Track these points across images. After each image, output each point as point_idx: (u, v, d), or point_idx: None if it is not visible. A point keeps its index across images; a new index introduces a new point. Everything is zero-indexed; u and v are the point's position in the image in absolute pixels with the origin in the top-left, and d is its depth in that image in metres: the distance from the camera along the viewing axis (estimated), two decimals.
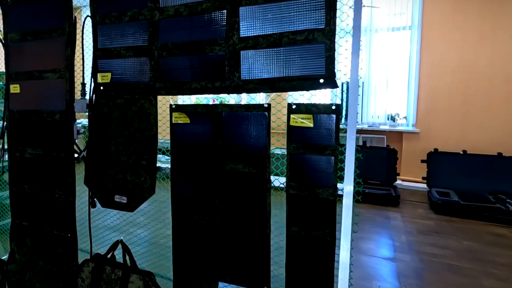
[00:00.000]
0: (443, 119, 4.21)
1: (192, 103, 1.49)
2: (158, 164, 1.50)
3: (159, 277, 2.10)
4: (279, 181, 1.48)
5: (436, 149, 4.13)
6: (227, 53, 1.17)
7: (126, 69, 1.38)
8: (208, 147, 1.24)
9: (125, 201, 1.38)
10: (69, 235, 1.55)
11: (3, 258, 2.71)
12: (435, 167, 4.06)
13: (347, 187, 1.02)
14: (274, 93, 1.15)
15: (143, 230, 2.91)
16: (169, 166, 1.36)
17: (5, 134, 1.76)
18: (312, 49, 1.07)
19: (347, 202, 1.02)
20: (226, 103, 1.24)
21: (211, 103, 1.77)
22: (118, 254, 1.50)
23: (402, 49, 4.41)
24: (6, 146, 1.77)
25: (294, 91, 1.10)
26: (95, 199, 1.47)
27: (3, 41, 1.73)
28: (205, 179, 1.25)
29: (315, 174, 1.08)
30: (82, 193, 1.64)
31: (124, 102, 1.39)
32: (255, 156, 1.17)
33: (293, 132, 1.11)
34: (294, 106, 1.11)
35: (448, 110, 4.18)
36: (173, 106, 1.30)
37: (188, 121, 1.27)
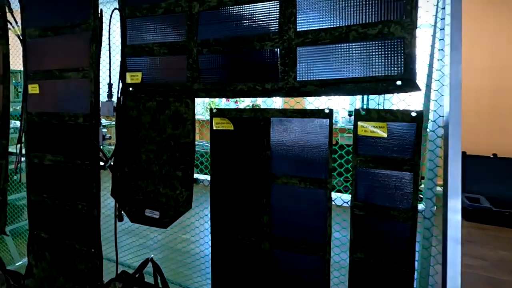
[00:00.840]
0: (470, 121, 3.99)
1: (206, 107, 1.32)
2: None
3: (176, 285, 1.95)
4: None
5: (464, 152, 3.92)
6: (281, 50, 1.01)
7: (159, 68, 1.22)
8: (255, 157, 1.08)
9: (157, 216, 1.23)
10: (92, 250, 1.41)
11: (17, 264, 2.60)
12: (463, 171, 3.85)
13: (452, 202, 0.84)
14: (289, 98, 0.99)
15: (158, 233, 2.76)
16: (208, 178, 1.21)
17: (23, 138, 1.63)
18: (388, 45, 0.90)
19: (453, 220, 0.83)
20: (268, 107, 1.08)
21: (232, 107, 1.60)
22: (136, 262, 1.35)
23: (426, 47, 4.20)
24: (23, 151, 1.63)
25: (364, 94, 0.93)
26: (122, 212, 1.32)
27: (20, 37, 1.59)
28: (251, 195, 1.09)
29: (388, 193, 0.91)
30: (107, 204, 1.49)
31: (156, 105, 1.24)
32: (313, 170, 1.01)
33: (360, 143, 0.94)
34: (363, 112, 0.94)
35: (476, 112, 3.97)
36: (214, 111, 1.14)
37: (232, 128, 1.11)
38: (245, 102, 5.12)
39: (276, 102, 4.59)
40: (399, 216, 0.90)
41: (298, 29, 0.99)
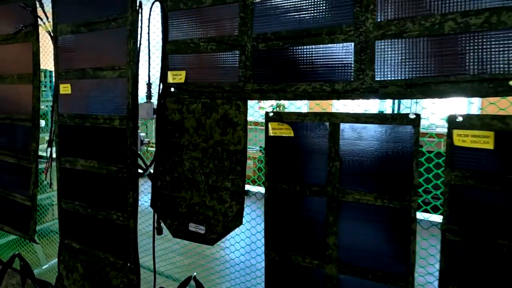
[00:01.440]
0: None
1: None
2: None
3: None
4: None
5: None
6: (356, 44, 0.86)
7: (206, 67, 1.10)
8: (320, 169, 0.94)
9: (202, 232, 1.11)
10: (128, 264, 1.30)
11: (44, 267, 2.54)
12: None
13: None
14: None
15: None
16: (261, 190, 1.07)
17: (53, 141, 1.54)
18: (497, 38, 0.74)
19: None
20: (297, 109, 0.93)
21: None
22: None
23: None
24: (54, 155, 1.55)
25: (462, 97, 0.78)
26: (162, 225, 1.20)
27: (51, 34, 1.50)
28: (315, 211, 0.95)
29: (495, 217, 0.76)
30: (145, 214, 1.38)
31: (202, 108, 1.11)
32: (393, 186, 0.86)
33: (457, 155, 0.79)
34: (459, 118, 0.78)
35: None
36: (271, 114, 1.00)
37: (291, 134, 0.97)
38: (267, 103, 4.92)
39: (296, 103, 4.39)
40: (508, 246, 0.75)
41: (377, 20, 0.84)
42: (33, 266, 1.80)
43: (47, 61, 1.84)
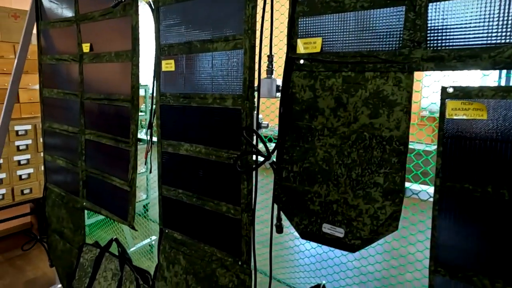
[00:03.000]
0: None
1: None
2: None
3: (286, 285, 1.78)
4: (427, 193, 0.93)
5: None
6: None
7: (351, 30, 0.95)
8: None
9: (341, 235, 0.99)
10: (240, 263, 1.26)
11: (131, 249, 2.75)
12: None
13: None
14: None
15: (263, 226, 2.62)
16: (428, 191, 0.91)
17: (153, 123, 1.57)
18: None
19: None
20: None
21: None
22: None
23: None
24: (154, 139, 1.58)
25: None
26: (283, 222, 1.12)
27: (152, 6, 1.50)
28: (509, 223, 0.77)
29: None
30: (261, 208, 1.32)
31: (343, 83, 0.98)
32: None
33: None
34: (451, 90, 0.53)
35: None
36: (450, 90, 0.82)
37: (484, 117, 0.79)
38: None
39: None
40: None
41: None
42: None
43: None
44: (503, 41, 0.75)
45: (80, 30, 1.84)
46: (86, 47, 1.81)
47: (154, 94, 1.51)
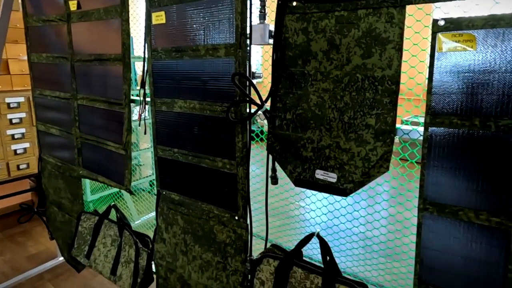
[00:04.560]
0: None
1: None
2: None
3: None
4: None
5: None
6: None
7: None
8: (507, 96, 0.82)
9: (334, 180, 1.09)
10: (236, 218, 1.39)
11: (136, 222, 2.95)
12: None
13: None
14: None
15: (271, 198, 2.76)
16: (419, 130, 1.00)
17: (146, 81, 1.67)
18: None
19: None
20: None
21: None
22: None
23: None
24: (147, 98, 1.69)
25: None
26: (277, 173, 1.23)
27: None
28: None
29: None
30: (255, 162, 1.44)
31: (336, 24, 1.05)
32: None
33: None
34: (442, 22, 0.57)
35: None
36: (441, 23, 0.89)
37: (474, 48, 0.85)
38: None
39: None
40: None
41: None
42: None
43: None
44: None
45: None
46: (73, 5, 1.90)
47: (146, 51, 1.60)
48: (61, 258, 2.68)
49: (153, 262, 1.78)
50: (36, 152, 3.27)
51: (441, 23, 0.89)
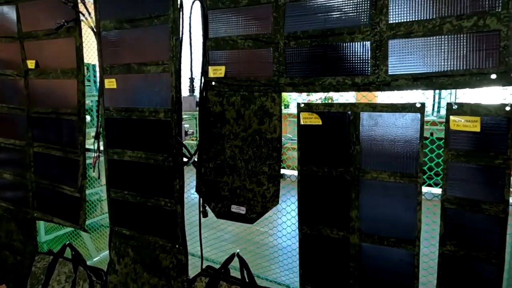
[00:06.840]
0: None
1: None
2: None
3: (257, 277, 2.65)
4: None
5: None
6: (372, 42, 1.49)
7: (243, 62, 1.80)
8: (344, 152, 1.60)
9: (243, 212, 1.83)
10: (176, 246, 2.09)
11: (95, 259, 3.55)
12: None
13: None
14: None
15: (235, 227, 3.49)
16: (294, 173, 1.76)
17: (100, 134, 2.38)
18: (483, 38, 1.33)
19: None
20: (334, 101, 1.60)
21: None
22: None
23: None
24: (101, 148, 2.39)
25: (457, 88, 1.38)
26: (207, 208, 1.96)
27: (94, 30, 2.31)
28: (340, 189, 1.62)
29: (480, 187, 1.36)
30: (191, 206, 2.16)
31: (241, 100, 1.82)
32: (403, 165, 1.49)
33: (452, 137, 1.39)
34: (455, 106, 1.39)
35: None
36: (302, 105, 1.67)
37: (320, 123, 1.64)
38: (316, 95, 5.84)
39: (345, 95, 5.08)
40: (490, 210, 1.35)
41: (390, 21, 1.46)
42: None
43: (90, 55, 2.70)
44: (325, 76, 1.61)
45: (23, 47, 2.64)
46: (31, 64, 2.61)
47: (99, 108, 2.33)
48: None
49: None
50: None
51: (302, 105, 1.68)
